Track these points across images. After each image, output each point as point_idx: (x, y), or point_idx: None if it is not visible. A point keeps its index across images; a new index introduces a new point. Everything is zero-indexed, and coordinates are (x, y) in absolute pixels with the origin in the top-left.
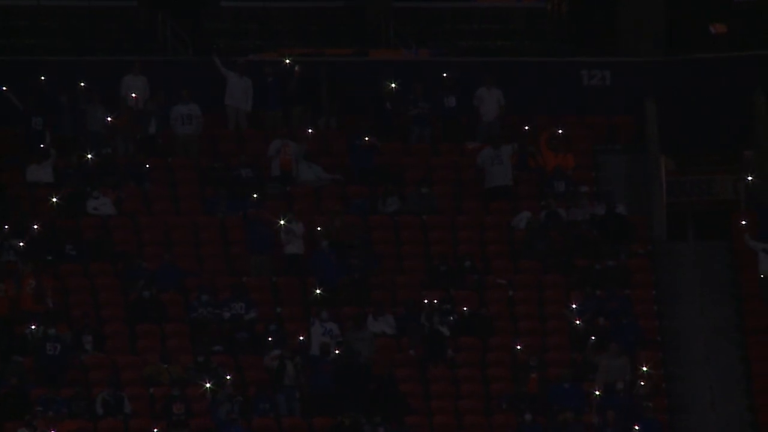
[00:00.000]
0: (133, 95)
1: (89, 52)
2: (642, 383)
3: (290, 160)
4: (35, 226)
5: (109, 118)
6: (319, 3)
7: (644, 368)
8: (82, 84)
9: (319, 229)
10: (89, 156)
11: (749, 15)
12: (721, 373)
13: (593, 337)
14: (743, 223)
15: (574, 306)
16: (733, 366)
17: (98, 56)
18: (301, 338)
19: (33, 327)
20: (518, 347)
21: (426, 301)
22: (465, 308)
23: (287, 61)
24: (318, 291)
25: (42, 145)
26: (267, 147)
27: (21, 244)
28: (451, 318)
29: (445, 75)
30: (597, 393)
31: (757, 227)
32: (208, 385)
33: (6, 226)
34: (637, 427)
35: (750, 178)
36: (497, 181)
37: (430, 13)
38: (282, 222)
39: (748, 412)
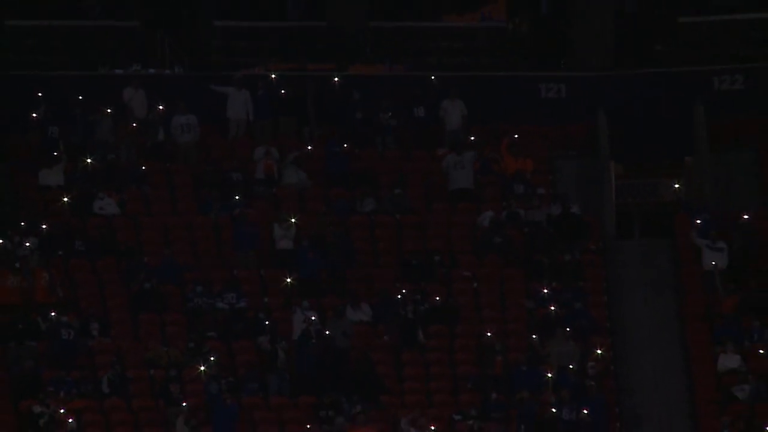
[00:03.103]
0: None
1: (94, 68)
2: (591, 365)
3: (272, 165)
4: (44, 226)
5: (114, 128)
6: (302, 23)
7: (598, 351)
8: (80, 97)
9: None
10: (89, 161)
11: (691, 34)
12: (663, 356)
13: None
14: (698, 222)
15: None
16: (674, 350)
17: (102, 71)
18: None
19: (53, 314)
20: (488, 333)
21: (401, 292)
22: (435, 298)
23: (273, 75)
24: (288, 280)
25: (55, 152)
26: (249, 157)
27: (26, 243)
28: (422, 307)
29: (435, 82)
30: (549, 375)
31: (697, 226)
32: (202, 368)
33: (23, 224)
34: (585, 410)
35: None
36: (460, 184)
37: (403, 32)
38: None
39: (687, 391)
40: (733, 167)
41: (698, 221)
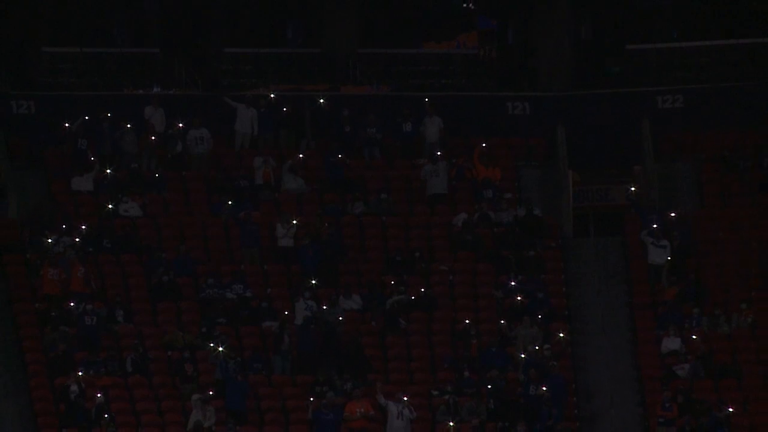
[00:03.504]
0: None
1: (120, 88)
2: (547, 347)
3: (269, 172)
4: (83, 227)
5: (137, 141)
6: (300, 50)
7: (561, 335)
8: (108, 114)
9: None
10: (108, 171)
11: (638, 59)
12: (614, 339)
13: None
14: (655, 226)
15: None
16: (623, 334)
17: (127, 91)
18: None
19: (72, 304)
20: (467, 321)
21: (391, 283)
22: (416, 289)
23: (272, 95)
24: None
25: (85, 161)
26: (249, 167)
27: (62, 241)
28: (404, 297)
29: (428, 101)
30: (522, 356)
31: (641, 226)
32: (221, 348)
33: (64, 225)
34: (544, 387)
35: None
36: (436, 190)
37: (388, 57)
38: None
39: (634, 370)
40: (675, 174)
41: (646, 221)
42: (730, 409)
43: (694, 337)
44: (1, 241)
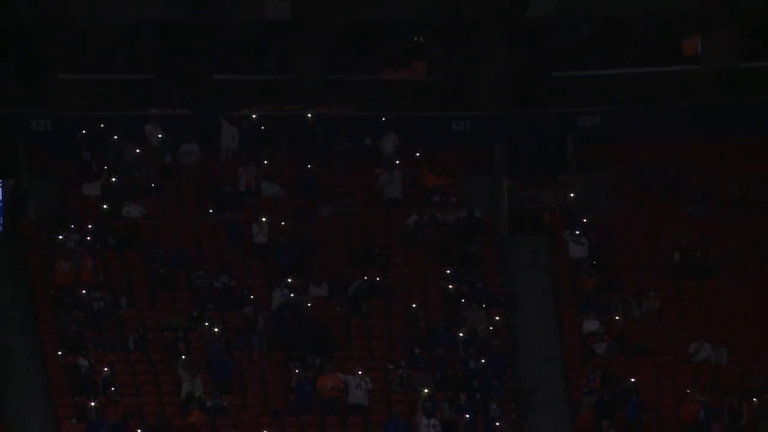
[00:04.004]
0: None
1: (123, 109)
2: (492, 328)
3: (250, 179)
4: (89, 226)
5: (137, 153)
6: (276, 76)
7: (497, 318)
8: (115, 137)
9: (283, 223)
10: (113, 179)
11: (563, 84)
12: (542, 322)
13: (463, 300)
14: (577, 232)
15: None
16: (550, 318)
17: (129, 112)
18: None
19: (84, 291)
20: (413, 305)
21: (350, 275)
22: (375, 279)
23: (253, 116)
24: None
25: (90, 171)
26: (234, 175)
27: (74, 237)
28: (365, 286)
29: (384, 119)
30: (461, 335)
31: (566, 225)
32: (216, 329)
33: (72, 225)
34: (482, 359)
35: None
36: (391, 195)
37: (352, 82)
38: (264, 220)
39: (560, 348)
40: (594, 182)
41: (565, 222)
42: (632, 379)
43: (617, 318)
44: (23, 239)
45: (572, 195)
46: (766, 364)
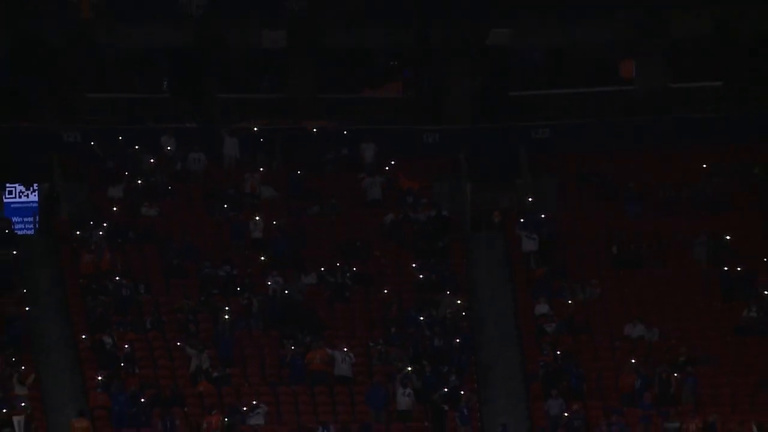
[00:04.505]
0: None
1: (141, 123)
2: (448, 311)
3: (255, 185)
4: (104, 224)
5: (154, 161)
6: (273, 94)
7: (458, 302)
8: (137, 147)
9: (275, 222)
10: (139, 182)
11: (519, 102)
12: (501, 305)
13: (436, 288)
14: (521, 220)
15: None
16: (507, 301)
17: (147, 125)
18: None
19: (117, 278)
20: (385, 291)
21: (338, 265)
22: (357, 269)
23: (254, 128)
24: (262, 258)
25: (114, 176)
26: (243, 178)
27: (99, 233)
28: (348, 275)
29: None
30: (421, 318)
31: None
32: (226, 317)
33: (91, 222)
34: (455, 339)
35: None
36: (373, 197)
37: (338, 100)
38: (257, 218)
39: (516, 328)
40: (545, 186)
41: (521, 220)
42: (558, 353)
43: (570, 302)
44: (56, 235)
45: (528, 197)
46: (690, 341)
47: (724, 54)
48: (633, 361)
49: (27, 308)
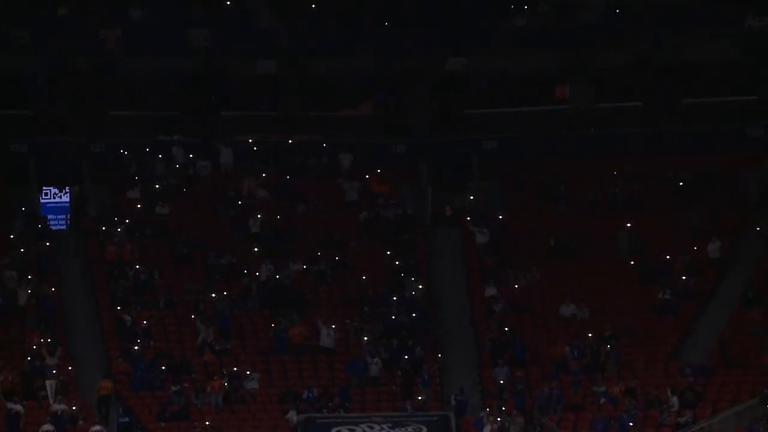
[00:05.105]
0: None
1: (156, 136)
2: (421, 293)
3: (251, 187)
4: (126, 221)
5: (167, 168)
6: (266, 112)
7: (420, 286)
8: (158, 156)
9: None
10: (157, 186)
11: (473, 119)
12: (457, 290)
13: (402, 274)
14: (471, 217)
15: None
16: (461, 286)
17: (161, 138)
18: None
19: (137, 267)
20: (363, 277)
21: (319, 254)
22: (336, 258)
23: (250, 140)
24: (256, 249)
25: (133, 180)
26: (241, 182)
27: (118, 229)
28: (330, 263)
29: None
30: (395, 298)
31: (472, 220)
32: (225, 293)
33: (115, 219)
34: (414, 314)
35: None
36: (349, 198)
37: (320, 118)
38: (260, 216)
39: (470, 309)
40: (493, 189)
41: (472, 217)
42: (505, 329)
43: (516, 286)
44: (84, 231)
45: (478, 197)
46: (614, 319)
47: (641, 80)
48: (568, 334)
49: (56, 291)
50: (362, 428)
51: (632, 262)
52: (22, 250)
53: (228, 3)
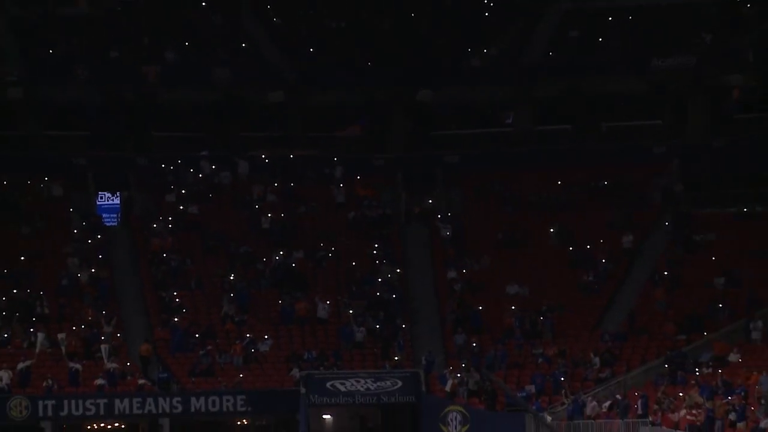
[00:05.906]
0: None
1: (187, 152)
2: (396, 276)
3: (261, 192)
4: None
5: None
6: (275, 132)
7: (397, 270)
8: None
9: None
10: (187, 191)
11: (437, 139)
12: (425, 273)
13: (383, 261)
14: (439, 216)
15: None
16: (428, 271)
17: (190, 153)
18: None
19: (164, 255)
20: (353, 263)
21: (317, 245)
22: (330, 248)
23: (262, 156)
24: (281, 252)
25: (170, 186)
26: (255, 189)
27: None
28: (325, 252)
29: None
30: (380, 280)
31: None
32: (243, 276)
33: (160, 217)
34: (394, 295)
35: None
36: (340, 201)
37: (317, 137)
38: (270, 215)
39: (434, 287)
40: (455, 195)
41: (439, 216)
42: (462, 303)
43: (465, 271)
44: (132, 227)
45: (444, 202)
46: (548, 296)
47: (571, 107)
48: (513, 308)
49: (110, 274)
50: (351, 382)
51: (563, 251)
52: (89, 241)
53: (244, 46)
